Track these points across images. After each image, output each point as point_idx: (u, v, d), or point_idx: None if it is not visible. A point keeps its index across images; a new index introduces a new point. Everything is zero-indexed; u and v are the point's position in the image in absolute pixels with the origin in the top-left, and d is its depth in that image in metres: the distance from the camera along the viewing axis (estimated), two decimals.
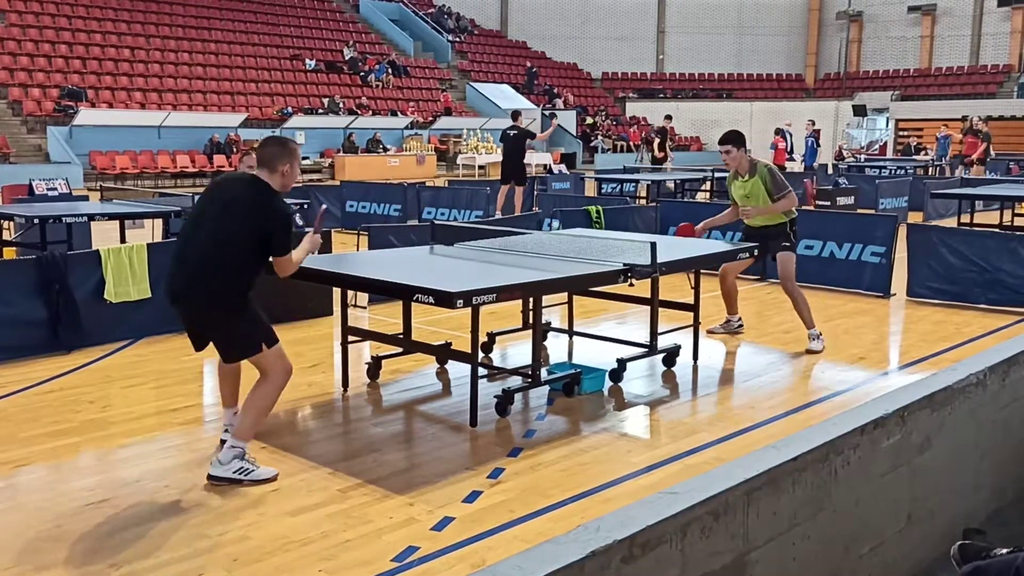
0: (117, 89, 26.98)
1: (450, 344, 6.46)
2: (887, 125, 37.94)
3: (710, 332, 7.61)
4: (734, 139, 7.29)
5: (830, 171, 22.47)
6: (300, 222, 8.34)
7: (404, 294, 5.36)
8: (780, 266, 7.24)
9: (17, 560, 3.72)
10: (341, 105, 31.02)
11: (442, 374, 6.50)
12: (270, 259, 4.59)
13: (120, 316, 7.17)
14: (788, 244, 7.25)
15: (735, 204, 7.48)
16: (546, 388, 5.94)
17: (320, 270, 5.97)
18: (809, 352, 7.11)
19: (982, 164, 22.66)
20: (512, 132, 15.06)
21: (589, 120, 38.64)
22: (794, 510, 2.68)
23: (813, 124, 23.49)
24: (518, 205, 14.87)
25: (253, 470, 4.49)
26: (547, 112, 16.36)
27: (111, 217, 9.70)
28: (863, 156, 32.56)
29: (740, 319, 7.81)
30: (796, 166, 23.32)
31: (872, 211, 14.49)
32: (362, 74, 33.97)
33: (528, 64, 40.21)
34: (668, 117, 22.67)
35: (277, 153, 4.53)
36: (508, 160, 15.13)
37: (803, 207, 14.20)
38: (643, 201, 16.74)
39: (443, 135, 32.09)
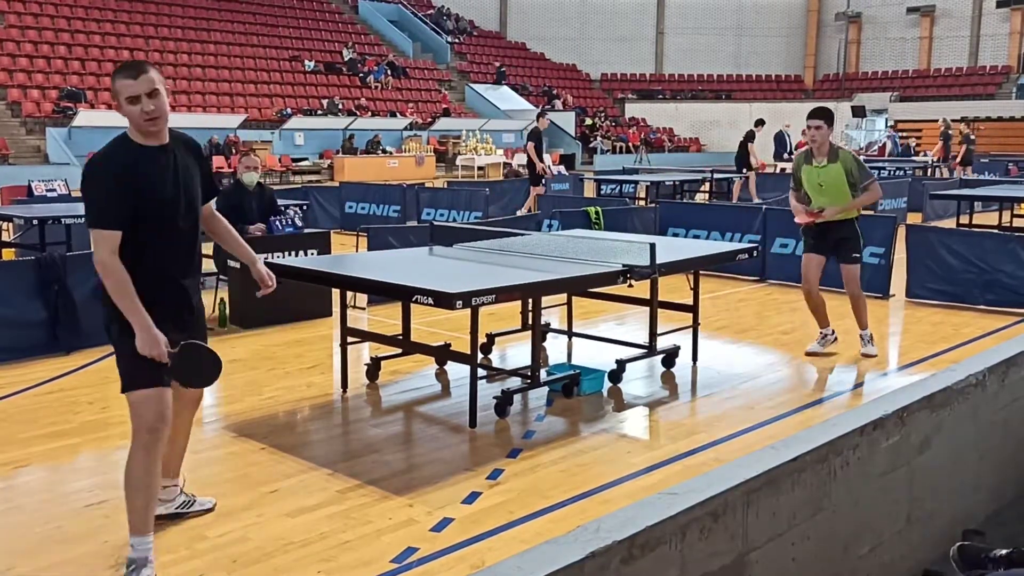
0: None
1: (449, 345, 6.46)
2: (886, 126, 37.97)
3: (808, 353, 7.04)
4: (826, 115, 6.64)
5: None
6: (300, 223, 8.32)
7: (403, 295, 5.36)
8: (848, 277, 6.85)
9: (16, 561, 3.72)
10: (340, 106, 31.02)
11: (441, 375, 6.50)
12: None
13: None
14: (858, 255, 6.84)
15: (797, 191, 6.91)
16: (545, 389, 5.94)
17: (319, 271, 5.97)
18: (865, 356, 6.99)
19: (967, 164, 22.89)
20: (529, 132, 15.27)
21: (588, 121, 38.66)
22: (793, 511, 2.69)
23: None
24: (525, 205, 14.87)
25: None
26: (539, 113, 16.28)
27: None
28: (862, 157, 32.54)
29: (833, 331, 7.18)
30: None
31: (871, 212, 14.48)
32: (361, 75, 33.97)
33: (498, 64, 40.08)
34: (760, 122, 20.30)
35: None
36: (530, 157, 15.25)
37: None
38: (642, 202, 16.75)
39: (442, 136, 32.10)
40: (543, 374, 5.96)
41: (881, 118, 38.46)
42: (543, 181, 15.23)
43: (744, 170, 18.86)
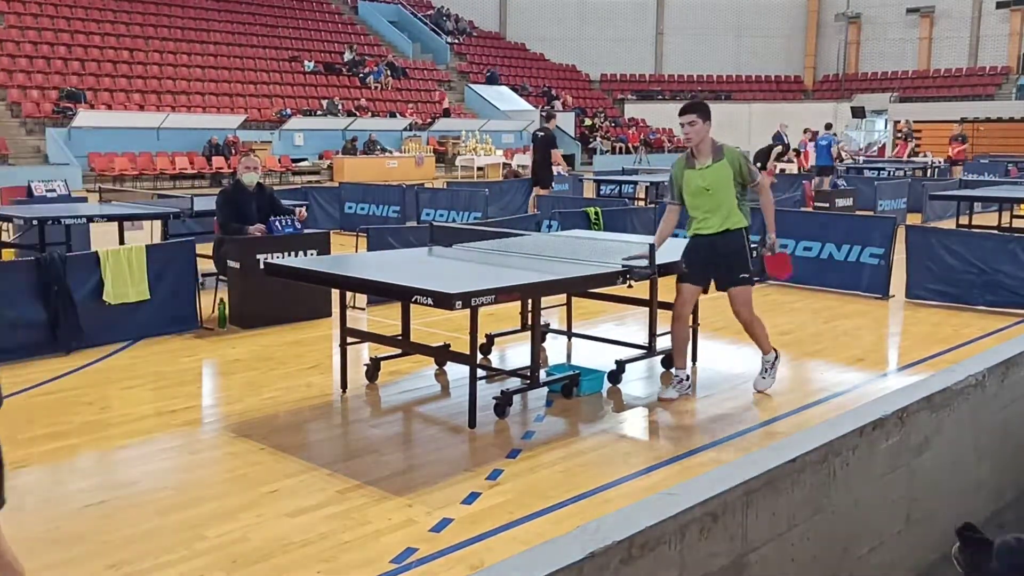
0: (116, 91, 26.97)
1: (449, 345, 6.46)
2: (886, 127, 37.97)
3: (662, 399, 5.99)
4: (700, 109, 5.64)
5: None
6: (299, 225, 8.32)
7: (403, 295, 5.37)
8: (741, 302, 5.81)
9: None
10: (340, 107, 31.01)
11: (441, 375, 6.50)
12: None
13: (119, 317, 7.17)
14: (746, 275, 5.76)
15: (679, 205, 5.88)
16: (545, 389, 5.94)
17: (319, 271, 5.97)
18: (759, 392, 6.11)
19: (956, 164, 23.32)
20: (540, 134, 14.89)
21: (588, 122, 38.65)
22: (793, 511, 2.69)
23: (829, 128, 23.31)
24: (531, 205, 14.85)
25: None
26: (543, 113, 16.14)
27: (110, 219, 9.68)
28: (861, 158, 32.59)
29: (689, 376, 6.08)
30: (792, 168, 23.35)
31: (871, 212, 14.50)
32: (361, 76, 33.97)
33: (493, 66, 40.05)
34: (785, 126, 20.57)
35: None
36: (534, 162, 14.99)
37: (801, 208, 14.27)
38: (642, 203, 16.75)
39: (442, 136, 32.10)
40: (542, 374, 5.96)
41: (881, 118, 38.48)
42: (551, 183, 15.10)
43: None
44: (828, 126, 21.91)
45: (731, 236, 5.73)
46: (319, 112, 30.56)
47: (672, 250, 6.73)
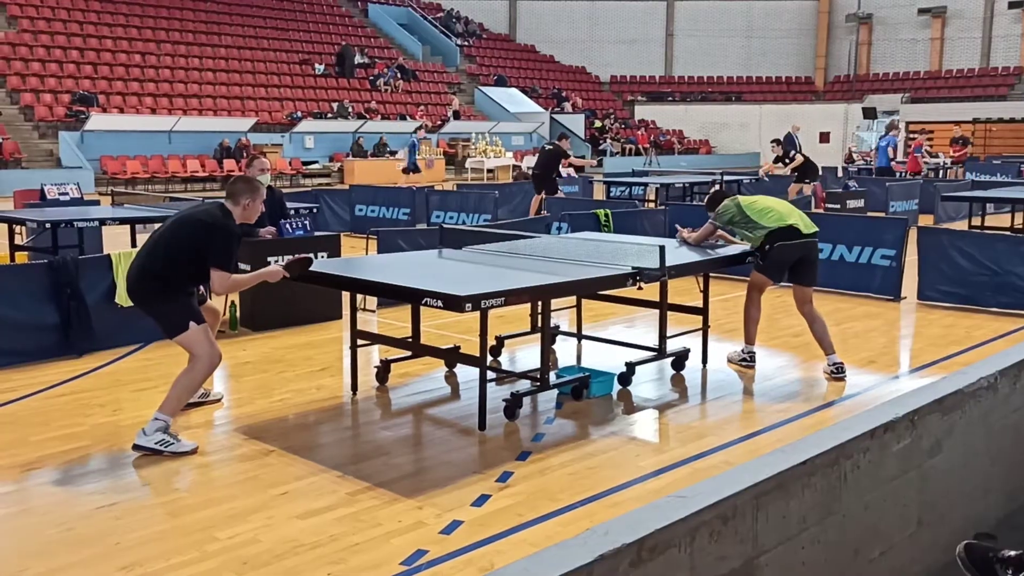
0: (128, 94, 27.11)
1: (459, 348, 6.47)
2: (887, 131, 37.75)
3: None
4: (706, 204, 7.08)
5: (839, 174, 22.43)
6: (309, 226, 8.34)
7: (413, 298, 5.37)
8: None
9: (28, 563, 3.74)
10: (350, 109, 31.09)
11: (451, 378, 6.50)
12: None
13: (130, 320, 7.17)
14: (751, 260, 6.72)
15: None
16: (555, 392, 5.93)
17: (329, 274, 5.99)
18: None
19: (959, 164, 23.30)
20: (548, 147, 15.68)
21: (598, 124, 38.63)
22: (803, 514, 2.68)
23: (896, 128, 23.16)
24: (533, 207, 15.00)
25: (173, 443, 4.93)
26: (559, 136, 16.60)
27: (122, 222, 9.74)
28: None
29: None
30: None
31: (882, 214, 14.44)
32: (371, 79, 34.05)
33: (501, 70, 40.08)
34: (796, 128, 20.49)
35: (241, 189, 5.22)
36: (536, 172, 15.55)
37: (814, 211, 14.20)
38: (652, 204, 16.72)
39: (452, 139, 32.14)
40: (552, 377, 5.96)
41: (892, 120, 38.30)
42: (556, 190, 15.30)
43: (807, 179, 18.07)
44: (891, 126, 21.82)
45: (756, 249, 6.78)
46: (329, 115, 30.65)
47: (682, 252, 6.72)
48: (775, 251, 6.53)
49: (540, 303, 5.98)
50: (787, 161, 17.76)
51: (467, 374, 6.36)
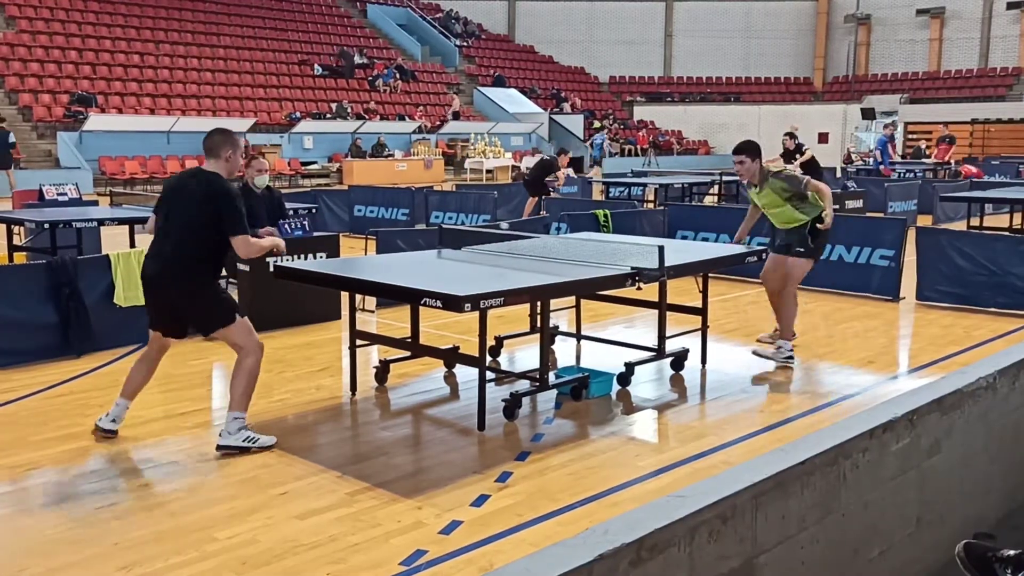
0: (127, 95, 27.09)
1: (458, 348, 6.47)
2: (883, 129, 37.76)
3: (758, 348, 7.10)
4: (747, 148, 6.86)
5: (838, 175, 22.43)
6: (308, 227, 8.34)
7: (412, 298, 5.37)
8: (791, 270, 6.87)
9: (28, 562, 3.74)
10: (349, 110, 31.08)
11: (450, 378, 6.50)
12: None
13: (129, 320, 7.19)
14: (802, 249, 6.79)
15: (755, 206, 7.18)
16: (554, 392, 5.94)
17: (328, 274, 5.99)
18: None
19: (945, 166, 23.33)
20: (545, 159, 16.01)
21: (596, 124, 38.63)
22: (803, 514, 2.68)
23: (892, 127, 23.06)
24: (527, 210, 15.04)
25: (258, 438, 4.95)
26: (559, 150, 16.84)
27: (121, 222, 9.73)
28: (871, 159, 32.52)
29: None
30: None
31: (881, 214, 14.45)
32: (370, 79, 34.04)
33: (499, 71, 40.07)
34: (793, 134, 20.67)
35: (220, 141, 5.01)
36: (527, 178, 15.82)
37: None
38: (651, 205, 16.73)
39: (451, 139, 32.13)
40: (552, 377, 5.96)
41: (891, 120, 38.32)
42: (552, 190, 15.39)
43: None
44: (886, 126, 21.76)
45: (793, 230, 6.89)
46: (328, 115, 30.63)
47: (681, 252, 6.73)
48: (823, 235, 6.83)
49: (539, 303, 5.99)
50: (798, 156, 17.79)
51: (466, 374, 6.36)
